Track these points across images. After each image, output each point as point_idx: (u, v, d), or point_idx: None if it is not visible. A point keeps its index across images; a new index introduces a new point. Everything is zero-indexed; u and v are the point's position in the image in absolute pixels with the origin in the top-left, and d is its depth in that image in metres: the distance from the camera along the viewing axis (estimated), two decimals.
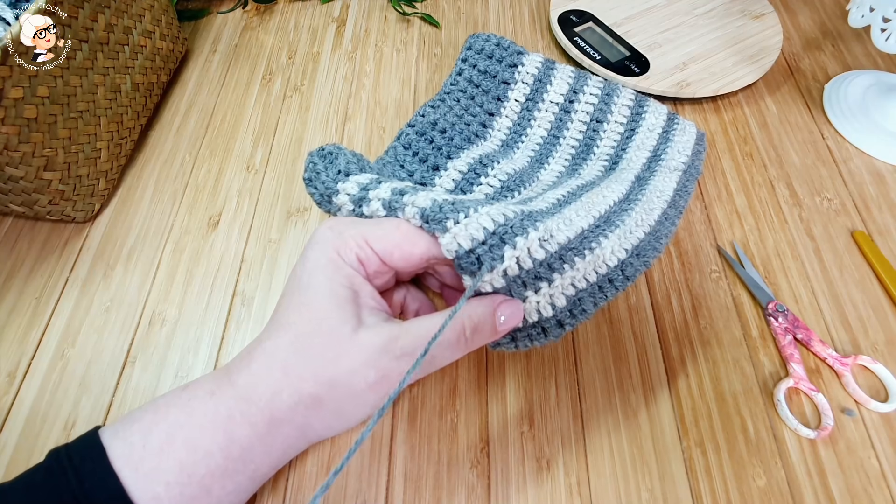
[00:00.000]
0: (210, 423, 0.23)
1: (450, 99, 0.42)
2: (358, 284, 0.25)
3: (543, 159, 0.40)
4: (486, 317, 0.25)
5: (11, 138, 0.31)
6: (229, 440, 0.23)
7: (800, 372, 0.31)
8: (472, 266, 0.25)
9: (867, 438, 0.29)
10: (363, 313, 0.25)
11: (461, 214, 0.25)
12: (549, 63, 0.42)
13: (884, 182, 0.40)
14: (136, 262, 0.36)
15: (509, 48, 0.42)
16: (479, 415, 0.30)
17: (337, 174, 0.30)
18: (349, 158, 0.31)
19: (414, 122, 0.41)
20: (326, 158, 0.31)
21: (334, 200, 0.29)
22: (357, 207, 0.29)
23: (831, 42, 0.50)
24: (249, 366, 0.24)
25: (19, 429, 0.30)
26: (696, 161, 0.38)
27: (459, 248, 0.25)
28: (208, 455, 0.22)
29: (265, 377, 0.24)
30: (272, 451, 0.24)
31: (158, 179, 0.41)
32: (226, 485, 0.23)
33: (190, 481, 0.22)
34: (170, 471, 0.22)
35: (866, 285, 0.35)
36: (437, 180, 0.37)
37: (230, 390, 0.24)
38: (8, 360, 0.32)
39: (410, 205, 0.27)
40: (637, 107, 0.40)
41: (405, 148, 0.39)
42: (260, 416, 0.23)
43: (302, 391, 0.23)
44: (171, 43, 0.46)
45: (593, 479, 0.28)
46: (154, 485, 0.21)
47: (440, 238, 0.25)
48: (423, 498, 0.28)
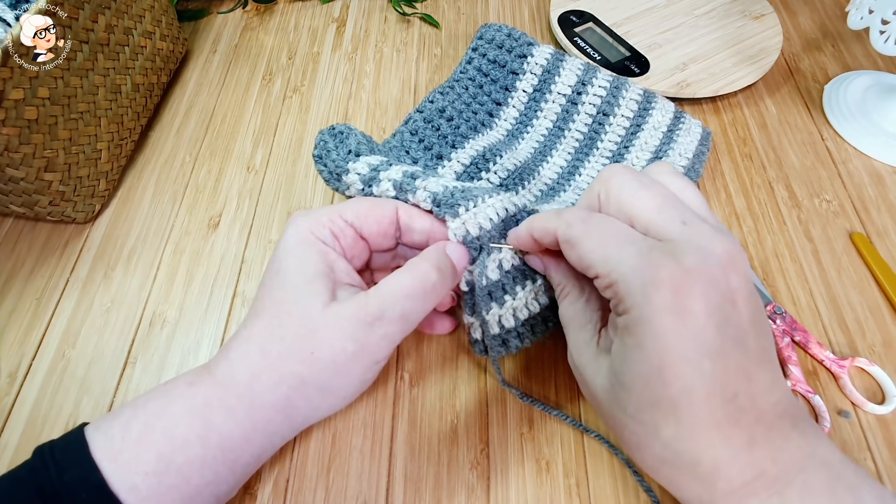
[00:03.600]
0: (187, 412, 0.23)
1: (458, 86, 0.42)
2: (332, 260, 0.26)
3: (547, 152, 0.40)
4: (443, 256, 0.26)
5: (12, 139, 0.31)
6: (207, 428, 0.23)
7: (797, 374, 0.31)
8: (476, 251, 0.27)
9: (863, 440, 0.29)
10: (337, 289, 0.25)
11: (471, 203, 0.27)
12: (559, 55, 0.41)
13: (883, 183, 0.40)
14: (137, 263, 0.36)
15: (520, 39, 0.42)
16: (478, 416, 0.30)
17: (347, 154, 0.31)
18: (360, 139, 0.32)
19: (423, 107, 0.41)
20: (337, 137, 0.32)
21: (344, 179, 0.30)
22: (367, 187, 0.29)
23: (831, 43, 0.50)
24: (227, 355, 0.25)
25: (20, 430, 0.30)
26: (696, 164, 0.38)
27: (467, 233, 0.26)
28: (186, 444, 0.22)
29: (242, 362, 0.24)
30: (253, 438, 0.24)
31: (159, 180, 0.41)
32: (205, 474, 0.23)
33: (168, 470, 0.22)
34: (148, 461, 0.22)
35: (864, 287, 0.35)
36: (441, 170, 0.38)
37: (208, 379, 0.24)
38: (9, 360, 0.32)
39: (422, 189, 0.28)
40: (645, 102, 0.40)
41: (412, 134, 0.39)
42: (238, 402, 0.23)
43: (283, 371, 0.24)
44: (172, 43, 0.46)
45: (592, 480, 0.28)
46: (132, 475, 0.21)
47: (449, 222, 0.27)
48: (423, 499, 0.28)
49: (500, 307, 0.28)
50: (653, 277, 0.20)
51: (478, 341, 0.29)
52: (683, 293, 0.19)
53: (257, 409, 0.24)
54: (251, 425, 0.24)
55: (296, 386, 0.24)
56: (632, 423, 0.21)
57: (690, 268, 0.19)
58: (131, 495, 0.21)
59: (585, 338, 0.24)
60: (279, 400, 0.24)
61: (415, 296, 0.25)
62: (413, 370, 0.32)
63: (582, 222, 0.23)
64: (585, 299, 0.25)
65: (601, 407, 0.23)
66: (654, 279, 0.20)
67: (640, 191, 0.22)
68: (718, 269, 0.20)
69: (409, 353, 0.32)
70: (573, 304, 0.25)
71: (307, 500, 0.28)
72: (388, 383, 0.31)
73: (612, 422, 0.23)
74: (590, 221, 0.23)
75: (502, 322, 0.28)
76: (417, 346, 0.33)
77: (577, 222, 0.23)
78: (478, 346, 0.29)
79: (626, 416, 0.21)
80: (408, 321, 0.25)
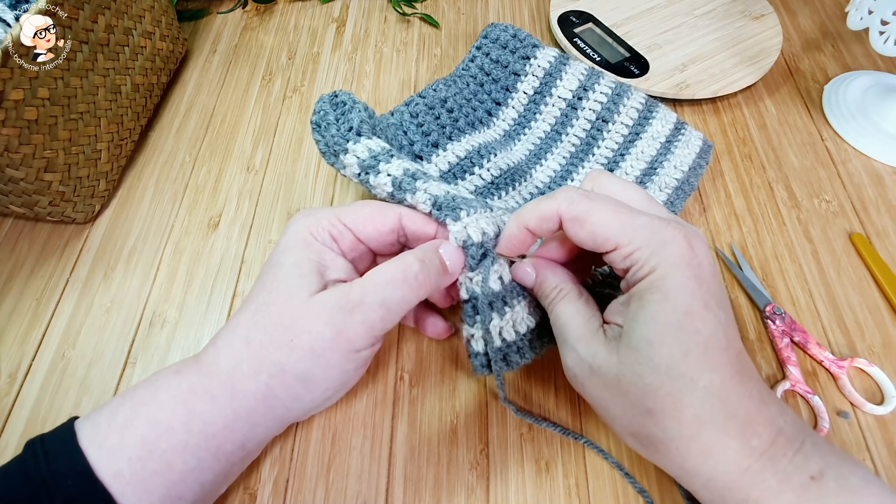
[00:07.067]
0: (171, 398, 0.23)
1: (460, 81, 0.42)
2: (328, 259, 0.26)
3: (542, 154, 0.40)
4: (430, 251, 0.26)
5: (12, 140, 0.31)
6: (190, 414, 0.23)
7: (796, 374, 0.31)
8: (474, 259, 0.26)
9: (862, 441, 0.29)
10: (329, 285, 0.26)
11: (472, 209, 0.27)
12: (563, 58, 0.41)
13: (882, 184, 0.40)
14: (137, 263, 0.36)
15: (525, 40, 0.41)
16: (478, 416, 0.30)
17: (348, 131, 0.30)
18: (363, 116, 0.31)
19: (425, 93, 0.41)
20: (338, 108, 0.31)
21: (341, 158, 0.30)
22: (364, 174, 0.29)
23: (831, 43, 0.50)
24: (215, 343, 0.25)
25: (20, 430, 0.30)
26: (691, 177, 0.37)
27: (469, 238, 0.26)
28: (170, 430, 0.23)
29: (227, 350, 0.24)
30: (235, 426, 0.24)
31: (158, 180, 0.41)
32: (188, 460, 0.23)
33: (151, 456, 0.22)
34: (132, 446, 0.22)
35: (864, 288, 0.35)
36: (434, 158, 0.37)
37: (195, 367, 0.24)
38: (9, 361, 0.32)
39: (423, 191, 0.27)
40: (646, 111, 0.39)
41: (412, 116, 0.39)
42: (221, 389, 0.24)
43: (263, 359, 0.24)
44: (171, 44, 0.46)
45: (592, 480, 0.28)
46: (117, 461, 0.22)
47: (450, 226, 0.26)
48: (422, 499, 0.28)
49: (501, 318, 0.27)
50: (672, 237, 0.22)
51: (478, 354, 0.28)
52: (695, 249, 0.22)
53: (238, 397, 0.24)
54: (233, 413, 0.24)
55: (275, 374, 0.24)
56: (667, 382, 0.21)
57: (690, 232, 0.23)
58: (116, 480, 0.21)
59: (591, 330, 0.24)
60: (259, 388, 0.24)
61: (395, 283, 0.25)
62: (413, 371, 0.32)
63: (586, 198, 0.23)
64: (585, 299, 0.26)
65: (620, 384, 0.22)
66: (672, 238, 0.22)
67: (627, 188, 0.25)
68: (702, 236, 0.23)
69: (409, 353, 0.32)
70: (573, 303, 0.25)
71: (307, 499, 0.28)
72: (387, 383, 0.31)
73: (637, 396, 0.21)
74: (594, 197, 0.24)
75: (503, 335, 0.27)
76: (417, 346, 0.33)
77: (580, 198, 0.23)
78: (478, 359, 0.28)
79: (660, 377, 0.21)
80: (388, 310, 0.25)
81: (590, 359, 0.23)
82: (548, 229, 0.25)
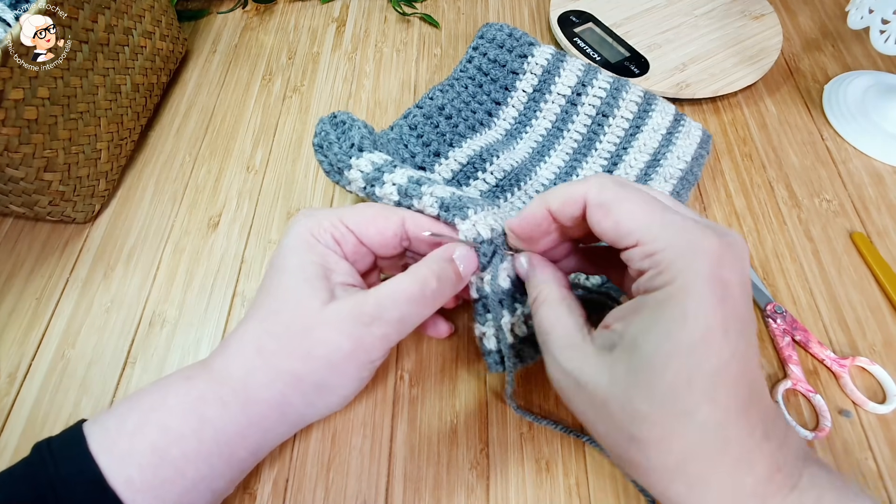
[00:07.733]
0: (182, 405, 0.23)
1: (458, 85, 0.42)
2: (332, 262, 0.26)
3: (545, 152, 0.40)
4: (445, 263, 0.25)
5: (12, 139, 0.31)
6: (201, 421, 0.23)
7: (798, 373, 0.31)
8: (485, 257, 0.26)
9: (864, 440, 0.29)
10: (336, 289, 0.25)
11: (479, 208, 0.27)
12: (560, 55, 0.41)
13: (883, 183, 0.40)
14: (137, 263, 0.36)
15: (521, 39, 0.41)
16: (478, 416, 0.30)
17: (350, 147, 0.30)
18: (363, 132, 0.31)
19: (422, 103, 0.41)
20: (339, 128, 0.31)
21: (346, 174, 0.30)
22: (369, 186, 0.29)
23: (831, 43, 0.50)
24: (225, 350, 0.25)
25: (20, 430, 0.30)
26: (694, 167, 0.38)
27: (478, 235, 0.26)
28: (181, 437, 0.22)
29: (238, 358, 0.24)
30: (248, 434, 0.24)
31: (158, 180, 0.41)
32: (200, 467, 0.23)
33: (162, 463, 0.22)
34: (143, 453, 0.22)
35: (864, 287, 0.35)
36: (437, 167, 0.37)
37: (205, 374, 0.24)
38: (8, 361, 0.32)
39: (429, 195, 0.27)
40: (645, 104, 0.40)
41: (411, 129, 0.39)
42: (233, 397, 0.23)
43: (279, 368, 0.24)
44: (171, 43, 0.46)
45: (592, 479, 0.28)
46: (127, 467, 0.21)
47: (459, 224, 0.26)
48: (422, 499, 0.28)
49: (512, 315, 0.27)
50: (702, 244, 0.19)
51: (491, 352, 0.28)
52: (724, 265, 0.19)
53: (252, 405, 0.24)
54: (246, 420, 0.24)
55: (291, 383, 0.24)
56: (659, 412, 0.19)
57: (726, 242, 0.20)
58: (127, 488, 0.21)
59: (576, 339, 0.22)
60: (274, 396, 0.24)
61: (414, 301, 0.24)
62: (413, 370, 0.32)
63: (618, 185, 0.21)
64: (568, 304, 0.24)
65: (607, 407, 0.20)
66: (703, 245, 0.19)
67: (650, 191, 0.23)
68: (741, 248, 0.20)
69: (409, 353, 0.32)
70: (556, 307, 0.24)
71: (307, 499, 0.28)
72: (387, 383, 0.31)
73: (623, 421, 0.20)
74: (627, 185, 0.22)
75: (515, 331, 0.27)
76: (417, 346, 0.33)
77: (612, 185, 0.21)
78: (492, 356, 0.28)
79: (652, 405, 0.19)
80: (405, 325, 0.25)
81: (576, 372, 0.21)
82: (570, 215, 0.23)
